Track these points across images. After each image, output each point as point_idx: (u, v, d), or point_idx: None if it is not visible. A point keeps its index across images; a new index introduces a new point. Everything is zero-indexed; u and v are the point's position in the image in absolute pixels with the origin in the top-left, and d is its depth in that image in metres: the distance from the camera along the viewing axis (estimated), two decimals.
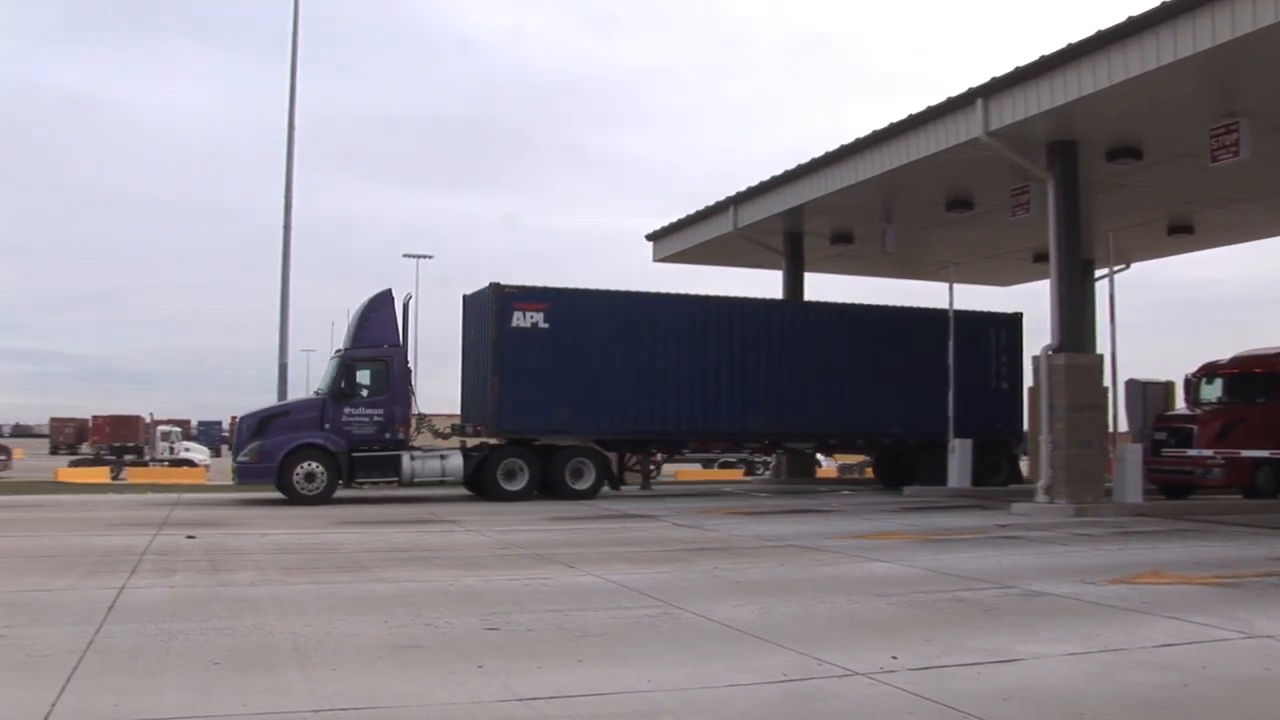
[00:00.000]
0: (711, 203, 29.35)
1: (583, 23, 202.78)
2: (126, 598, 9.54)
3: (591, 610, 9.11)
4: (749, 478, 39.43)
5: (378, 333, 22.74)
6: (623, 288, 25.12)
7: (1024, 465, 29.21)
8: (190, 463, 53.45)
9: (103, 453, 57.79)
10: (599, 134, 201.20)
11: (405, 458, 22.30)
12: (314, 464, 21.56)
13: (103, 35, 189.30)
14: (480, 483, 23.37)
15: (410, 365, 23.37)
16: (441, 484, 24.05)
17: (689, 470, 42.27)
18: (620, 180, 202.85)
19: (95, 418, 77.20)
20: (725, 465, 44.64)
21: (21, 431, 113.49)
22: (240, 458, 22.35)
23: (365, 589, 10.39)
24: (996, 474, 27.06)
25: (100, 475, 40.43)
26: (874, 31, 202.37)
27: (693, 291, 26.06)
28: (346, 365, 22.45)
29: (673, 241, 31.81)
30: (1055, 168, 20.27)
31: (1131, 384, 24.87)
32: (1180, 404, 25.64)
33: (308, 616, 8.66)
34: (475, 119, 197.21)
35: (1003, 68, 19.00)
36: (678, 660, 7.24)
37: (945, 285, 27.04)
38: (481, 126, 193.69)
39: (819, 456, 31.94)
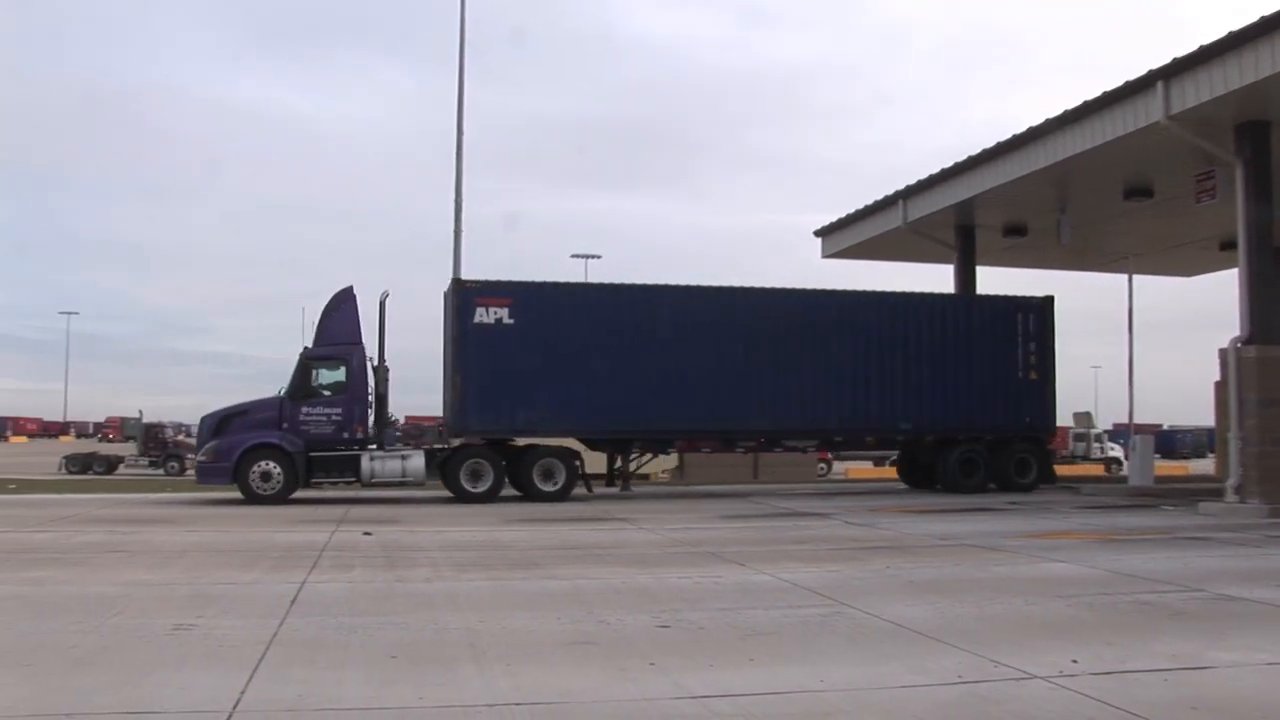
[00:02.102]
0: (880, 197, 28.91)
1: (739, 20, 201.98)
2: (308, 592, 9.86)
3: (763, 609, 9.05)
4: None
5: (338, 331, 22.37)
6: (748, 285, 24.31)
7: (1210, 463, 27.95)
8: None
9: None
10: (763, 131, 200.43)
11: (364, 458, 21.75)
12: (270, 464, 21.33)
13: (279, 50, 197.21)
14: (446, 483, 22.62)
15: (384, 364, 22.62)
16: (419, 486, 23.40)
17: (860, 468, 41.98)
18: (787, 177, 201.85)
19: None
20: (895, 464, 44.04)
21: None
22: (199, 457, 22.55)
23: (538, 586, 10.52)
24: (1026, 472, 25.34)
25: None
26: (1041, 19, 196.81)
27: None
28: (304, 364, 22.22)
29: (841, 237, 31.42)
30: (1244, 150, 19.35)
31: None
32: None
33: (482, 613, 8.81)
34: (639, 119, 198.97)
35: (1179, 50, 18.29)
36: (850, 660, 7.14)
37: (1124, 276, 26.18)
38: (646, 126, 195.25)
39: None
